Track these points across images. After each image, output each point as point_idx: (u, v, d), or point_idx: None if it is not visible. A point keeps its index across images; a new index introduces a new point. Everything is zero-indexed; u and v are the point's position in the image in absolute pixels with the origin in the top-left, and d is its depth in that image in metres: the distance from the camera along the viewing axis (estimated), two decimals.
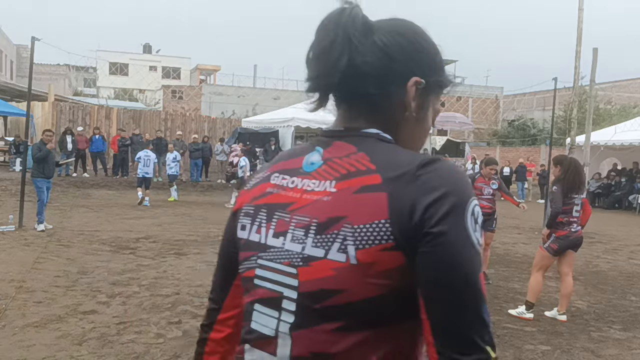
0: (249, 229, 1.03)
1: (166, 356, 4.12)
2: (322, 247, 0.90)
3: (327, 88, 1.00)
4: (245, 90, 41.03)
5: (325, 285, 0.89)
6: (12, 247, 7.75)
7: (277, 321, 0.95)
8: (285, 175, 1.01)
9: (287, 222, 0.96)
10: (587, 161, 12.33)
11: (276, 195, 1.00)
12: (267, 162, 1.16)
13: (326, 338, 0.90)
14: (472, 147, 30.51)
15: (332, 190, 0.93)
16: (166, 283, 6.20)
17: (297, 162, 1.02)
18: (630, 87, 41.48)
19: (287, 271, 0.94)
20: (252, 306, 0.99)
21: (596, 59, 11.82)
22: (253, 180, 1.08)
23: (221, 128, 26.13)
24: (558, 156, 5.93)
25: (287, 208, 0.97)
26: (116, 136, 19.36)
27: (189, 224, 10.55)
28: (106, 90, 44.85)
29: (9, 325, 4.61)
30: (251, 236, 1.01)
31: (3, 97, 22.36)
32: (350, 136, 0.98)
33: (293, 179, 1.00)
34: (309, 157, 1.00)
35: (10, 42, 38.89)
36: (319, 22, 1.00)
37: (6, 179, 15.41)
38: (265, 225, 0.99)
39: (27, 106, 10.26)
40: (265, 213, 1.00)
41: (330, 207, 0.92)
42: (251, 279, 1.00)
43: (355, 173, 0.93)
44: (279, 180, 1.02)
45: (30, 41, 9.51)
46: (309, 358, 0.91)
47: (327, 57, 0.96)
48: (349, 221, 0.89)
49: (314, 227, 0.92)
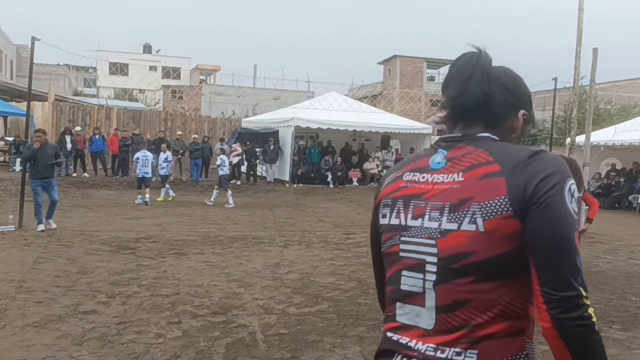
0: (388, 216, 1.37)
1: (166, 356, 4.12)
2: (455, 222, 1.24)
3: (464, 107, 1.35)
4: (245, 90, 41.00)
5: (460, 249, 1.23)
6: (12, 247, 7.75)
7: (422, 281, 1.28)
8: (415, 172, 1.36)
9: (422, 207, 1.30)
10: (587, 161, 12.32)
11: (410, 189, 1.35)
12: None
13: (463, 289, 1.23)
14: None
15: (460, 179, 1.27)
16: (166, 283, 6.20)
17: (424, 162, 1.36)
18: (630, 87, 41.47)
19: (427, 243, 1.28)
20: (400, 273, 1.33)
21: (596, 59, 11.82)
22: (386, 180, 1.43)
23: (221, 128, 26.12)
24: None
25: (422, 197, 1.31)
26: (113, 136, 19.34)
27: (189, 224, 10.55)
28: (106, 90, 44.87)
29: (9, 325, 4.61)
30: (392, 221, 1.36)
31: (3, 97, 22.36)
32: (468, 140, 1.34)
33: (423, 175, 1.34)
34: (435, 158, 1.35)
35: (10, 42, 38.88)
36: (458, 59, 1.37)
37: (6, 179, 15.42)
38: (403, 212, 1.34)
39: (27, 106, 10.26)
40: (402, 202, 1.35)
41: (459, 192, 1.26)
42: (396, 253, 1.34)
43: (478, 165, 1.27)
44: (410, 177, 1.36)
45: (30, 41, 9.51)
46: (450, 304, 1.24)
47: (468, 85, 1.34)
48: (476, 201, 1.22)
49: (447, 208, 1.26)
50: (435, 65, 47.14)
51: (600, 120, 28.99)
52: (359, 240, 9.64)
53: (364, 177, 21.55)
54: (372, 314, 5.35)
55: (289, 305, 5.54)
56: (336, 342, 4.55)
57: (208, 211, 12.42)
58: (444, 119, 1.40)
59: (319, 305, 5.60)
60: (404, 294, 1.31)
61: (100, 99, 34.83)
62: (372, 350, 4.60)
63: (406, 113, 32.31)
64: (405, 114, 29.91)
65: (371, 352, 4.35)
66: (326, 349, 4.39)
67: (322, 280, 6.66)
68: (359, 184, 21.01)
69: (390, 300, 1.36)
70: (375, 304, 5.70)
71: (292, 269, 7.16)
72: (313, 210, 13.69)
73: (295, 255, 8.09)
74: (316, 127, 20.08)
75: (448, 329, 1.24)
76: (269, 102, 37.77)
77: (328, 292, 6.13)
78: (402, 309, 1.32)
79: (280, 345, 4.42)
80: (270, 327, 4.86)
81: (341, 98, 21.63)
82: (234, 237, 9.20)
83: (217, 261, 7.43)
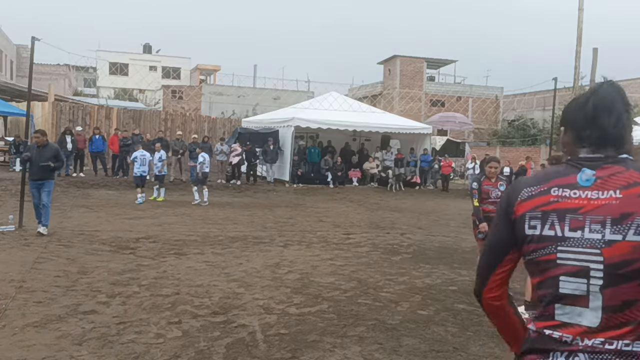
0: (539, 227, 1.53)
1: (166, 356, 4.12)
2: (619, 234, 1.42)
3: (607, 136, 1.55)
4: (245, 90, 41.02)
5: (626, 257, 1.41)
6: (12, 247, 7.75)
7: (586, 285, 1.45)
8: (564, 189, 1.52)
9: (580, 220, 1.47)
10: None
11: (562, 203, 1.51)
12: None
13: (631, 290, 1.42)
14: (472, 147, 30.52)
15: (619, 196, 1.45)
16: (166, 283, 6.20)
17: (570, 180, 1.53)
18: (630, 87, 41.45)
19: (591, 252, 1.45)
20: (558, 278, 1.50)
21: (596, 59, 11.83)
22: (523, 194, 1.58)
23: (221, 128, 26.15)
24: (554, 155, 6.16)
25: (578, 211, 1.48)
26: (114, 136, 19.34)
27: (189, 224, 10.55)
28: (106, 90, 44.86)
29: (9, 325, 4.61)
30: (544, 232, 1.52)
31: (3, 97, 22.36)
32: (612, 161, 1.53)
33: (574, 191, 1.51)
34: (582, 176, 1.52)
35: (10, 42, 38.87)
36: (596, 92, 1.59)
37: (6, 179, 15.42)
38: (558, 224, 1.50)
39: (27, 106, 10.26)
40: (555, 216, 1.51)
41: (620, 207, 1.44)
42: (552, 260, 1.51)
43: (634, 184, 1.46)
44: (559, 192, 1.53)
45: (30, 41, 9.51)
46: (619, 305, 1.43)
47: (612, 119, 1.55)
48: (639, 215, 1.41)
49: (609, 221, 1.44)
50: (435, 65, 47.13)
51: None
52: (359, 240, 9.64)
53: (364, 177, 21.55)
54: (372, 314, 5.36)
55: (289, 305, 5.54)
56: (336, 342, 4.55)
57: (208, 211, 12.42)
58: (576, 143, 1.60)
59: (319, 305, 5.60)
60: (564, 296, 1.49)
61: (100, 99, 34.83)
62: (372, 350, 4.62)
63: (406, 113, 32.31)
64: (405, 114, 29.91)
65: (371, 352, 4.35)
66: (326, 349, 4.39)
67: (322, 280, 6.66)
68: (359, 184, 21.01)
69: (546, 302, 1.53)
70: (375, 304, 5.71)
71: (292, 269, 7.16)
72: (313, 210, 13.69)
73: (295, 255, 8.09)
74: (316, 127, 20.08)
75: (615, 325, 1.43)
76: (269, 102, 37.79)
77: (328, 292, 6.13)
78: (562, 309, 1.50)
79: (280, 345, 4.42)
80: (270, 327, 4.86)
81: (341, 98, 21.64)
82: (234, 237, 9.20)
83: (217, 261, 7.43)
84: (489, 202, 6.36)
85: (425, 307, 5.71)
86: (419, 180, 22.01)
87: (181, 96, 41.87)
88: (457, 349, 4.53)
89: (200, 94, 41.69)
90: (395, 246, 9.21)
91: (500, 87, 46.93)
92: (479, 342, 4.72)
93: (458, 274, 7.36)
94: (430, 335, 4.82)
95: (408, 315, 5.38)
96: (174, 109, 34.83)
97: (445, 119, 30.50)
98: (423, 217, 13.46)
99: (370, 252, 8.58)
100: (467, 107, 42.70)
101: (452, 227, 11.92)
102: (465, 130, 37.81)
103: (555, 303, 1.50)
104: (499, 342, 4.74)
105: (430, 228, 11.62)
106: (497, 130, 42.89)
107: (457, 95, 43.78)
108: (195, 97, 41.06)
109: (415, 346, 4.54)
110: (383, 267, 7.57)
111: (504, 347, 4.64)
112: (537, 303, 1.56)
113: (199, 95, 41.54)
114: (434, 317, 5.36)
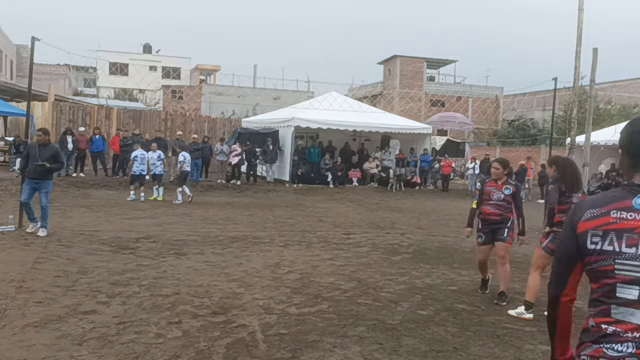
0: (600, 243, 1.82)
1: (166, 356, 4.12)
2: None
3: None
4: (245, 90, 41.02)
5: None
6: (12, 247, 7.75)
7: (638, 291, 1.77)
8: (622, 211, 1.80)
9: (635, 239, 1.77)
10: (587, 161, 12.32)
11: (620, 224, 1.80)
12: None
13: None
14: (472, 147, 30.51)
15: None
16: (166, 283, 6.20)
17: (627, 204, 1.81)
18: (630, 87, 41.47)
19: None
20: (615, 285, 1.80)
21: (596, 59, 11.81)
22: (585, 214, 1.87)
23: (221, 128, 26.15)
24: (553, 157, 6.16)
25: (634, 231, 1.77)
26: (115, 136, 19.34)
27: (189, 224, 10.55)
28: (106, 90, 44.86)
29: (9, 325, 4.61)
30: (604, 247, 1.81)
31: (3, 97, 22.36)
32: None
33: (630, 214, 1.79)
34: (636, 200, 1.79)
35: (10, 42, 38.87)
36: None
37: (6, 179, 15.41)
38: (616, 241, 1.79)
39: (27, 106, 10.26)
40: (614, 234, 1.80)
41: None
42: (611, 271, 1.80)
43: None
44: (618, 215, 1.80)
45: (30, 41, 9.51)
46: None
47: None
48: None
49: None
50: (435, 65, 47.14)
51: (600, 120, 29.00)
52: (359, 240, 9.64)
53: (364, 177, 21.55)
54: (372, 314, 5.36)
55: (289, 305, 5.54)
56: (336, 342, 4.55)
57: (208, 211, 12.42)
58: (631, 167, 1.85)
59: (319, 305, 5.60)
60: (619, 300, 1.80)
61: (100, 99, 34.81)
62: (372, 350, 4.62)
63: (406, 113, 32.33)
64: (405, 114, 29.93)
65: (371, 352, 4.35)
66: (326, 349, 4.39)
67: (322, 280, 6.66)
68: (359, 184, 21.01)
69: (604, 303, 1.83)
70: (375, 304, 5.71)
71: (292, 269, 7.16)
72: (313, 210, 13.69)
73: (295, 255, 8.09)
74: (316, 127, 20.08)
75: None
76: (269, 102, 37.80)
77: (328, 292, 6.13)
78: (617, 309, 1.80)
79: (280, 345, 4.42)
80: (270, 327, 4.86)
81: (341, 98, 21.63)
82: (234, 237, 9.20)
83: (217, 261, 7.43)
84: (490, 204, 6.12)
85: (425, 307, 5.71)
86: (419, 180, 22.02)
87: (181, 96, 41.88)
88: (457, 349, 4.53)
89: (200, 94, 41.70)
90: (395, 246, 9.21)
91: (500, 87, 46.94)
92: (479, 342, 4.72)
93: (458, 274, 7.36)
94: (430, 335, 4.82)
95: (408, 315, 5.38)
96: (174, 109, 34.84)
97: (445, 119, 30.49)
98: (423, 217, 13.46)
99: (370, 252, 8.58)
100: (467, 107, 42.69)
101: (452, 227, 11.92)
102: (465, 130, 37.80)
103: (611, 305, 1.81)
104: (499, 342, 4.75)
105: (430, 228, 11.61)
106: (497, 130, 42.90)
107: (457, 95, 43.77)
108: (195, 97, 41.07)
109: (415, 346, 4.54)
110: (383, 267, 7.57)
111: (504, 347, 4.65)
112: (594, 302, 1.87)
113: (199, 95, 41.54)
114: (434, 317, 5.36)
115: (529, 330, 5.10)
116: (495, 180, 6.19)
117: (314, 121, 19.77)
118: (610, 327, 1.82)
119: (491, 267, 6.50)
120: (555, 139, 21.84)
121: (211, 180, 19.44)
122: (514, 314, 5.52)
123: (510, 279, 6.34)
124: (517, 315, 5.50)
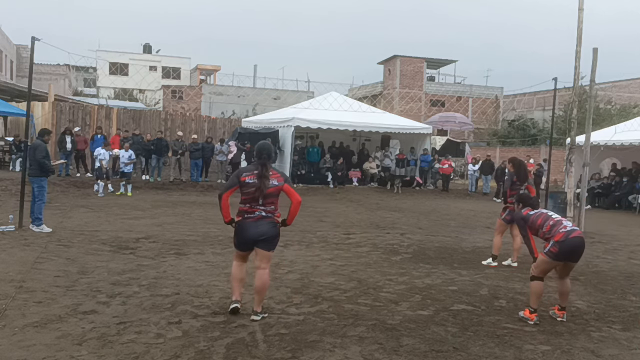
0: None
1: (166, 356, 4.12)
2: None
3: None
4: (245, 90, 41.04)
5: None
6: (12, 247, 7.75)
7: None
8: None
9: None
10: (587, 161, 12.32)
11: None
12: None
13: None
14: (472, 147, 30.49)
15: None
16: (166, 283, 6.20)
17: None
18: (630, 87, 41.48)
19: None
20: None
21: (596, 59, 11.81)
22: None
23: (221, 128, 26.11)
24: (511, 157, 8.49)
25: None
26: (116, 136, 19.33)
27: (189, 224, 10.55)
28: (106, 90, 44.86)
29: (9, 325, 4.61)
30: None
31: (3, 97, 22.35)
32: None
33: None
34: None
35: (10, 42, 38.85)
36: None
37: (6, 179, 15.41)
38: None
39: (27, 106, 10.25)
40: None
41: None
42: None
43: None
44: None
45: (30, 41, 9.50)
46: None
47: None
48: None
49: None
50: (435, 65, 47.14)
51: (600, 120, 28.97)
52: (359, 240, 9.64)
53: (364, 177, 21.54)
54: (372, 314, 5.36)
55: (289, 305, 5.54)
56: (336, 342, 4.54)
57: (208, 211, 12.42)
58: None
59: (319, 305, 5.60)
60: None
61: (100, 99, 34.80)
62: (372, 350, 4.63)
63: (406, 113, 32.34)
64: (405, 114, 29.93)
65: (371, 352, 4.35)
66: (326, 349, 4.39)
67: (322, 280, 6.66)
68: (359, 184, 21.00)
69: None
70: (375, 304, 5.71)
71: (292, 269, 7.16)
72: (313, 210, 13.69)
73: (295, 255, 8.09)
74: (316, 127, 20.07)
75: None
76: (269, 102, 37.82)
77: (328, 292, 6.13)
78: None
79: (280, 345, 4.42)
80: (270, 327, 4.86)
81: (341, 98, 21.61)
82: None
83: (217, 261, 7.43)
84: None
85: (425, 307, 5.71)
86: (420, 180, 22.01)
87: (181, 96, 41.89)
88: (457, 349, 4.53)
89: (200, 94, 41.71)
90: (395, 246, 9.21)
91: (500, 87, 46.94)
92: (479, 342, 4.72)
93: (458, 274, 7.36)
94: (430, 335, 4.82)
95: (408, 315, 5.38)
96: (174, 109, 34.85)
97: (445, 119, 30.50)
98: (423, 217, 13.45)
99: (370, 252, 8.58)
100: (467, 107, 42.71)
101: (452, 227, 11.92)
102: (465, 130, 37.81)
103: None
104: (499, 342, 4.74)
105: (430, 228, 11.61)
106: (497, 130, 42.87)
107: (457, 95, 43.79)
108: (195, 97, 41.08)
109: (415, 346, 4.54)
110: (383, 267, 7.57)
111: (504, 347, 4.65)
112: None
113: (199, 95, 41.55)
114: (434, 317, 5.36)
115: (529, 330, 5.10)
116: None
117: (314, 121, 19.77)
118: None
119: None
120: (555, 139, 21.84)
121: (211, 180, 19.43)
122: (484, 263, 7.97)
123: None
124: (486, 264, 7.90)
